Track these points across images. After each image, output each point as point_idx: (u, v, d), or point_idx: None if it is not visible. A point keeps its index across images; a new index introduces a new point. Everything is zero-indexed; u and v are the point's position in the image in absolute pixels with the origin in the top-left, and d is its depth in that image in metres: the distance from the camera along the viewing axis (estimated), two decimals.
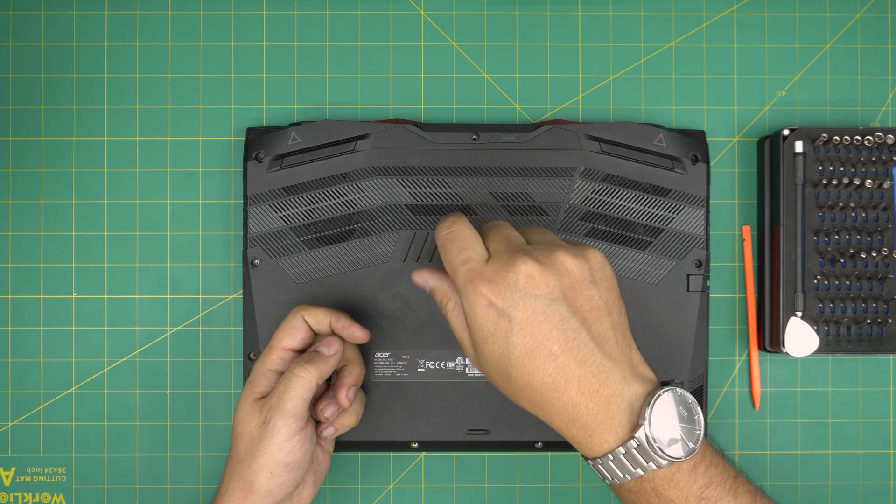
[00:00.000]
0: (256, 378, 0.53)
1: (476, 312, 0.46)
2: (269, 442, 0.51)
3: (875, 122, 0.64)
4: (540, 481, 0.64)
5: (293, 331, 0.54)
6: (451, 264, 0.47)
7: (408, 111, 0.64)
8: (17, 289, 0.63)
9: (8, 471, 0.63)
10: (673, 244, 0.60)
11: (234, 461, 0.52)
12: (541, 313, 0.45)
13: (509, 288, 0.45)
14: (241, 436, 0.52)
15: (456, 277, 0.47)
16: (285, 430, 0.51)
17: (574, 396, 0.45)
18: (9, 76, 0.63)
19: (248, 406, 0.52)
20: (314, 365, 0.52)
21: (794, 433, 0.64)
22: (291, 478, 0.52)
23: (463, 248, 0.47)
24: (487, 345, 0.46)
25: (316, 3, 0.64)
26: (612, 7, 0.64)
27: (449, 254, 0.48)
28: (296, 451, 0.51)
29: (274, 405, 0.51)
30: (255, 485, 0.51)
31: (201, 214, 0.63)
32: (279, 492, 0.52)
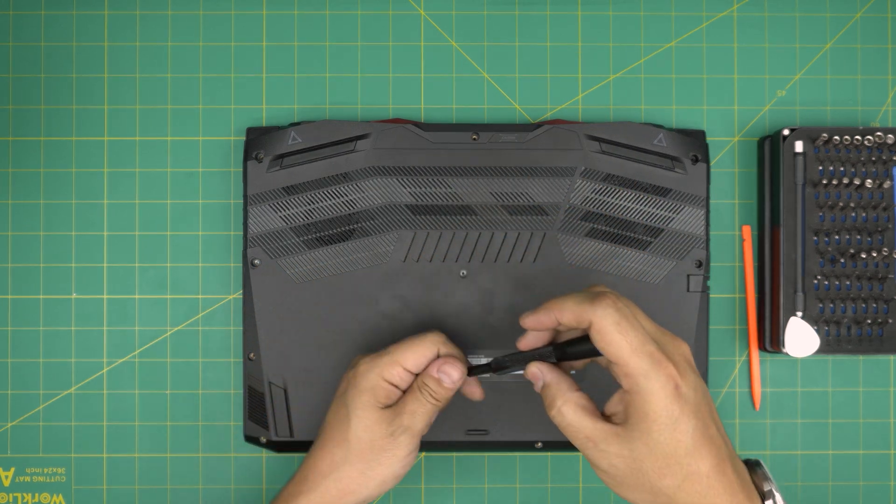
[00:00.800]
0: (377, 388, 0.52)
1: (664, 397, 0.44)
2: (393, 455, 0.52)
3: (875, 122, 0.64)
4: (540, 481, 0.64)
5: (422, 357, 0.53)
6: (634, 346, 0.45)
7: (408, 111, 0.64)
8: (17, 289, 0.63)
9: (8, 471, 0.63)
10: (673, 244, 0.60)
11: (338, 461, 0.52)
12: (704, 394, 0.46)
13: (685, 369, 0.45)
14: (361, 440, 0.52)
15: (639, 359, 0.44)
16: (410, 447, 0.52)
17: (730, 475, 0.46)
18: (9, 76, 0.63)
19: (376, 414, 0.52)
20: (442, 396, 0.52)
21: (794, 433, 0.64)
22: (392, 487, 0.53)
23: (639, 327, 0.45)
24: (666, 432, 0.45)
25: (316, 3, 0.64)
26: (612, 7, 0.64)
27: (628, 333, 0.45)
28: (409, 467, 0.53)
29: (407, 424, 0.52)
30: (361, 490, 0.52)
31: (201, 214, 0.63)
32: (374, 498, 0.53)
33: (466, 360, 0.54)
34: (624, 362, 0.45)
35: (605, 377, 0.54)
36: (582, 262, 0.60)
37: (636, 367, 0.44)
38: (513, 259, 0.60)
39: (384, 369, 0.52)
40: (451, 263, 0.60)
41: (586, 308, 0.46)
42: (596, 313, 0.45)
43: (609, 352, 0.45)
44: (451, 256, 0.60)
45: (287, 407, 0.60)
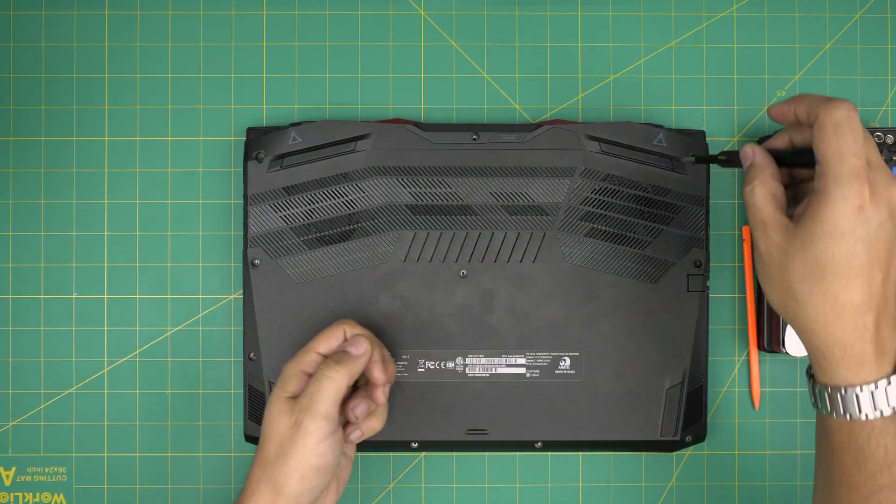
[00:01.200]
0: (287, 378, 0.52)
1: (844, 207, 0.44)
2: (300, 444, 0.50)
3: (875, 122, 0.64)
4: (540, 481, 0.64)
5: (332, 339, 0.53)
6: (843, 151, 0.45)
7: (408, 111, 0.64)
8: (17, 289, 0.63)
9: (8, 471, 0.63)
10: (673, 244, 0.60)
11: (263, 462, 0.51)
12: (888, 238, 0.45)
13: (883, 202, 0.45)
14: (272, 437, 0.51)
15: (841, 163, 0.45)
16: (317, 433, 0.50)
17: (868, 323, 0.45)
18: (9, 76, 0.63)
19: (279, 406, 0.51)
20: (344, 366, 0.51)
21: (794, 433, 0.64)
22: (321, 482, 0.51)
23: (859, 141, 0.45)
24: (829, 240, 0.45)
25: (316, 3, 0.64)
26: (612, 7, 0.64)
27: (844, 138, 0.45)
28: (327, 455, 0.51)
29: (305, 406, 0.50)
30: (286, 487, 0.50)
31: (201, 214, 0.63)
32: (307, 496, 0.51)
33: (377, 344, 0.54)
34: (825, 161, 0.45)
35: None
36: (582, 262, 0.60)
37: (832, 169, 0.45)
38: (513, 259, 0.60)
39: (298, 358, 0.53)
40: (451, 263, 0.60)
41: (820, 104, 0.46)
42: (826, 109, 0.46)
43: (819, 148, 0.45)
44: (451, 256, 0.60)
45: None
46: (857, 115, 0.46)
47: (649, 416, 0.60)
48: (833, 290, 0.45)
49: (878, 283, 0.45)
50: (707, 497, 0.64)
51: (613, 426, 0.60)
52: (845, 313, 0.45)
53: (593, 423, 0.60)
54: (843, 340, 0.46)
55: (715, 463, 0.64)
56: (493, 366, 0.60)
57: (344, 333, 0.54)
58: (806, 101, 0.48)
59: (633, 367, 0.60)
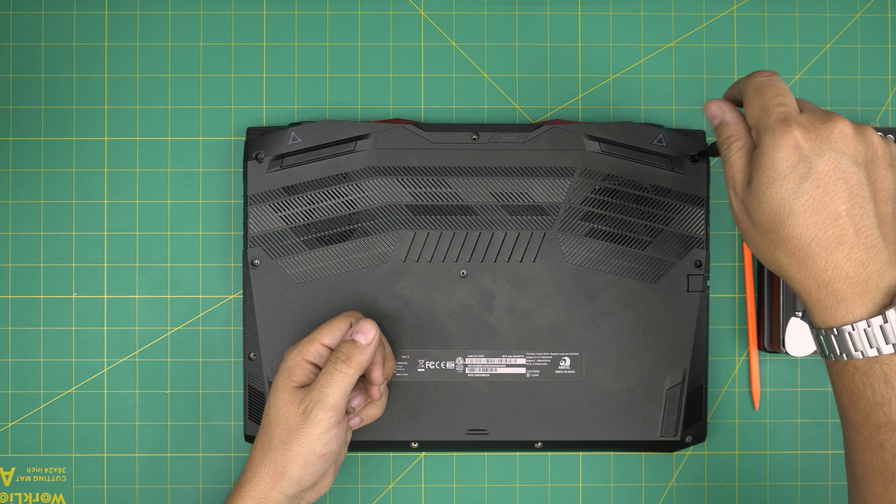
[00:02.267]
0: (293, 367, 0.54)
1: (778, 150, 0.45)
2: (307, 433, 0.52)
3: (875, 122, 0.64)
4: (540, 481, 0.64)
5: (336, 331, 0.54)
6: (765, 105, 0.47)
7: (408, 111, 0.64)
8: (17, 289, 0.63)
9: (8, 471, 0.63)
10: (673, 244, 0.60)
11: (265, 447, 0.52)
12: (841, 171, 0.45)
13: (820, 137, 0.45)
14: (277, 423, 0.52)
15: (766, 116, 0.46)
16: (325, 423, 0.52)
17: (839, 260, 0.45)
18: (9, 76, 0.63)
19: (287, 395, 0.53)
20: (355, 360, 0.53)
21: (794, 433, 0.64)
22: (323, 467, 0.53)
23: (780, 94, 0.47)
24: (773, 186, 0.45)
25: (316, 3, 0.64)
26: (612, 7, 0.64)
27: (764, 94, 0.47)
28: (332, 443, 0.52)
29: (316, 399, 0.52)
30: (287, 471, 0.52)
31: (201, 214, 0.63)
32: (308, 480, 0.53)
33: (382, 340, 0.55)
34: (755, 120, 0.47)
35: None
36: (582, 262, 0.60)
37: (760, 123, 0.46)
38: (513, 259, 0.60)
39: (301, 348, 0.54)
40: (451, 263, 0.60)
41: (744, 79, 0.49)
42: (746, 80, 0.48)
43: (748, 115, 0.47)
44: (451, 256, 0.60)
45: None
46: (779, 79, 0.48)
47: (649, 416, 0.60)
48: (794, 232, 0.45)
49: (843, 217, 0.45)
50: (707, 497, 0.64)
51: (613, 426, 0.60)
52: (812, 252, 0.45)
53: (593, 423, 0.60)
54: (817, 280, 0.46)
55: (715, 463, 0.64)
56: (493, 366, 0.60)
57: (349, 325, 0.55)
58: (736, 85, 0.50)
59: (633, 367, 0.60)
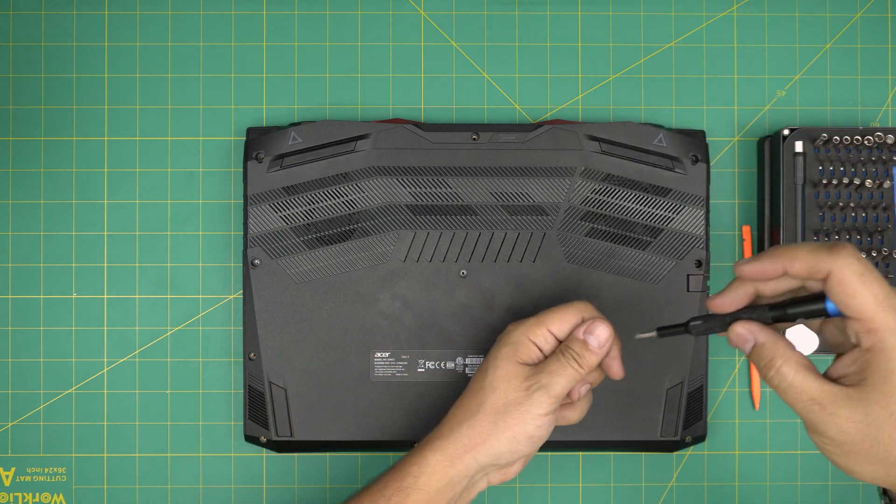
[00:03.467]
0: (519, 343, 0.52)
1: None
2: (526, 410, 0.51)
3: (875, 122, 0.64)
4: (540, 481, 0.64)
5: (566, 322, 0.52)
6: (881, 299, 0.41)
7: (408, 111, 0.64)
8: (17, 289, 0.63)
9: (8, 471, 0.63)
10: (673, 244, 0.60)
11: (473, 409, 0.52)
12: None
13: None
14: (495, 390, 0.51)
15: (884, 313, 0.41)
16: (546, 407, 0.51)
17: None
18: (9, 76, 0.63)
19: (513, 368, 0.52)
20: (586, 362, 0.51)
21: (794, 433, 0.64)
22: (525, 450, 0.52)
23: (884, 282, 0.42)
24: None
25: (316, 3, 0.64)
26: (612, 7, 0.64)
27: (874, 286, 0.41)
28: (543, 429, 0.51)
29: (545, 382, 0.51)
30: (490, 440, 0.51)
31: (201, 214, 0.63)
32: (507, 457, 0.52)
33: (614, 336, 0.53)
34: (869, 317, 0.41)
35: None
36: (582, 262, 0.60)
37: (882, 322, 0.41)
38: (513, 259, 0.60)
39: (529, 328, 0.53)
40: (451, 263, 0.60)
41: (824, 257, 0.42)
42: (837, 263, 0.41)
43: (851, 305, 0.41)
44: (451, 256, 0.60)
45: (287, 406, 0.60)
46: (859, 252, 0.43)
47: (649, 416, 0.60)
48: None
49: None
50: (707, 497, 0.64)
51: (613, 426, 0.60)
52: None
53: (593, 423, 0.60)
54: None
55: (715, 463, 0.64)
56: None
57: (580, 318, 0.53)
58: (799, 257, 0.43)
59: (633, 367, 0.60)
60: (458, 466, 0.51)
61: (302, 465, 0.63)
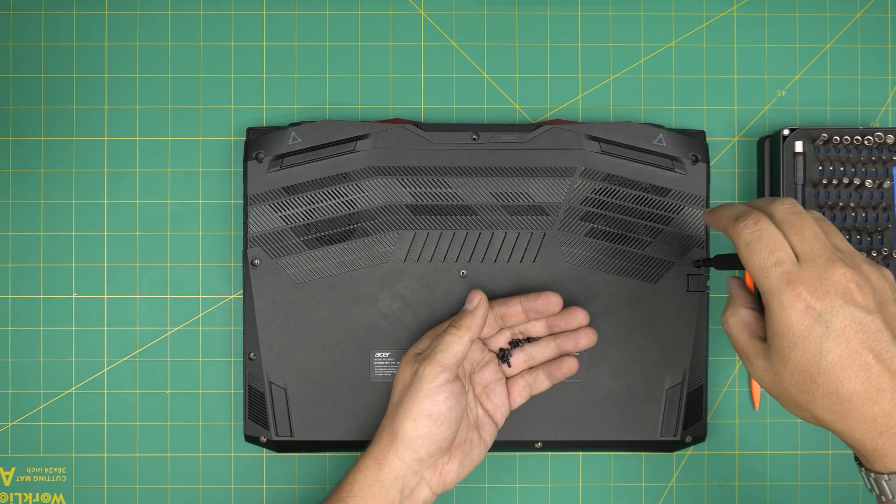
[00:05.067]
0: (422, 339, 0.57)
1: (790, 315, 0.45)
2: (415, 388, 0.53)
3: (875, 122, 0.64)
4: (540, 481, 0.64)
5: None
6: (760, 265, 0.46)
7: (408, 111, 0.64)
8: (17, 289, 0.63)
9: (8, 471, 0.63)
10: (673, 244, 0.60)
11: (389, 410, 0.55)
12: (858, 323, 0.45)
13: (828, 294, 0.45)
14: (396, 384, 0.55)
15: (765, 278, 0.46)
16: (433, 378, 0.53)
17: (886, 407, 0.45)
18: (9, 76, 0.63)
19: (407, 359, 0.56)
20: (464, 323, 0.55)
21: (794, 433, 0.64)
22: (435, 431, 0.53)
23: (774, 249, 0.46)
24: (795, 350, 0.45)
25: (316, 3, 0.64)
26: (612, 7, 0.64)
27: (757, 254, 0.46)
28: (440, 403, 0.53)
29: (426, 356, 0.54)
30: (400, 431, 0.53)
31: (201, 214, 0.63)
32: (422, 445, 0.53)
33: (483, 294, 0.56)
34: (757, 281, 0.46)
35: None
36: (582, 262, 0.60)
37: (763, 285, 0.46)
38: (513, 259, 0.60)
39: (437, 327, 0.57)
40: (451, 263, 0.60)
41: (729, 225, 0.48)
42: (734, 231, 0.47)
43: (747, 269, 0.47)
44: (451, 256, 0.60)
45: (287, 406, 0.60)
46: (766, 223, 0.46)
47: (649, 416, 0.60)
48: (830, 389, 0.45)
49: (874, 365, 0.44)
50: (707, 497, 0.64)
51: (613, 426, 0.60)
52: (854, 406, 0.45)
53: (593, 423, 0.60)
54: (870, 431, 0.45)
55: (715, 463, 0.64)
56: None
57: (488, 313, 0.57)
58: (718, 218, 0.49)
59: (633, 367, 0.60)
60: (385, 469, 0.53)
61: (302, 465, 0.63)
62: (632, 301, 0.60)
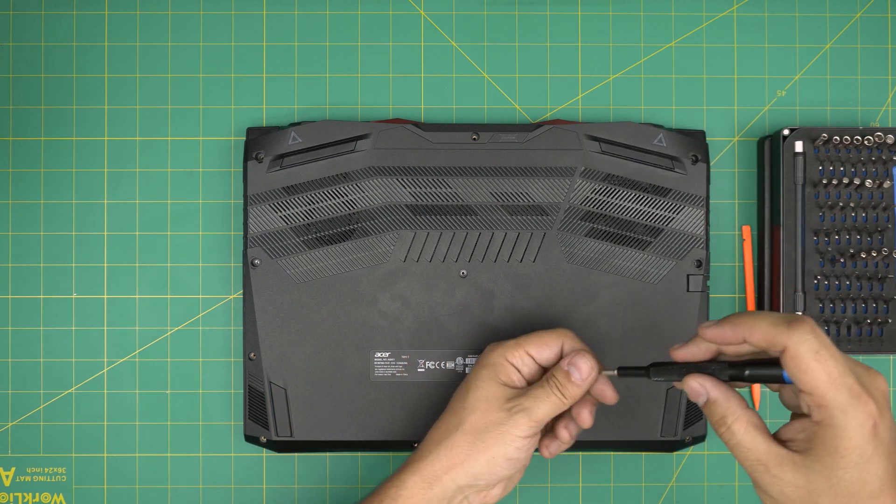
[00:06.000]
0: (499, 365, 0.52)
1: (861, 434, 0.42)
2: (506, 431, 0.50)
3: (875, 122, 0.64)
4: (540, 481, 0.64)
5: (547, 348, 0.53)
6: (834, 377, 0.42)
7: (408, 111, 0.64)
8: (17, 289, 0.63)
9: (8, 471, 0.63)
10: (673, 244, 0.60)
11: (451, 429, 0.52)
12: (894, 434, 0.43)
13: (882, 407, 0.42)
14: (475, 410, 0.51)
15: (836, 391, 0.42)
16: (527, 430, 0.51)
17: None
18: (9, 76, 0.63)
19: (495, 388, 0.52)
20: (569, 394, 0.51)
21: None
22: (504, 473, 0.52)
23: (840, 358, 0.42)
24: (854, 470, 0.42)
25: (316, 3, 0.64)
26: (612, 7, 0.64)
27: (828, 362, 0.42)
28: (522, 452, 0.51)
29: (527, 406, 0.51)
30: (469, 461, 0.51)
31: (201, 214, 0.63)
32: (485, 479, 0.51)
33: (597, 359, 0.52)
34: (820, 393, 0.42)
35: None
36: (582, 262, 0.60)
37: (833, 400, 0.42)
38: (513, 259, 0.60)
39: (507, 350, 0.53)
40: (451, 263, 0.60)
41: (782, 331, 0.43)
42: (793, 338, 0.42)
43: (804, 381, 0.42)
44: (451, 256, 0.60)
45: (287, 406, 0.60)
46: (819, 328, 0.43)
47: (649, 416, 0.60)
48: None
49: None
50: (707, 497, 0.64)
51: (613, 426, 0.60)
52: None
53: (593, 423, 0.60)
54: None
55: (715, 463, 0.64)
56: None
57: (561, 346, 0.53)
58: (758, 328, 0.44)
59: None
60: (435, 488, 0.51)
61: (302, 465, 0.63)
62: (632, 301, 0.60)
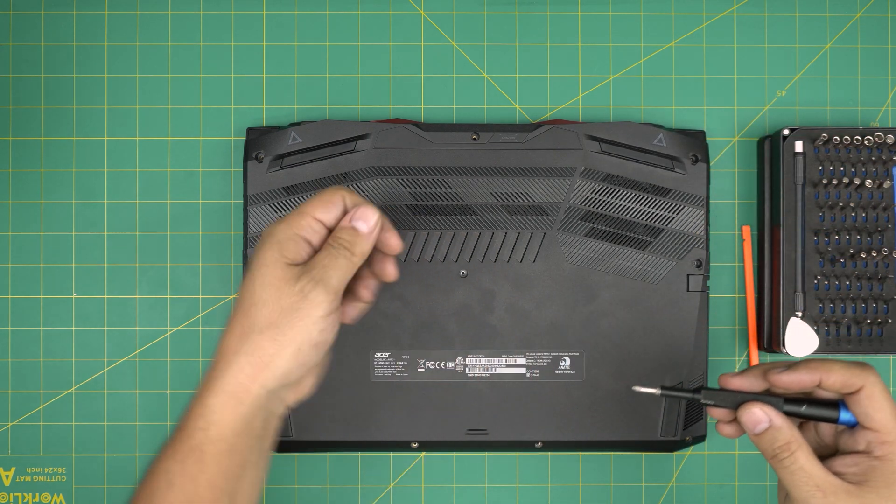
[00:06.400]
0: (284, 241, 0.46)
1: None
2: (305, 315, 0.45)
3: (875, 122, 0.64)
4: (540, 481, 0.64)
5: (331, 206, 0.48)
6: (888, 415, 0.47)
7: (408, 111, 0.64)
8: (17, 289, 0.63)
9: (8, 471, 0.63)
10: (673, 244, 0.60)
11: (245, 331, 0.45)
12: None
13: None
14: (265, 303, 0.45)
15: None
16: (326, 306, 0.45)
17: None
18: (9, 76, 0.63)
19: (281, 271, 0.45)
20: (358, 248, 0.47)
21: None
22: (313, 360, 0.46)
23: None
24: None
25: (316, 3, 0.64)
26: (612, 7, 0.64)
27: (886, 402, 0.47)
28: (327, 333, 0.46)
29: (318, 278, 0.45)
30: (275, 360, 0.45)
31: (201, 214, 0.63)
32: (296, 373, 0.46)
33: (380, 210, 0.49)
34: (888, 430, 0.46)
35: None
36: (582, 262, 0.60)
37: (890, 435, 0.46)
38: (513, 259, 0.60)
39: (293, 221, 0.47)
40: (451, 263, 0.60)
41: (858, 373, 0.47)
42: (869, 379, 0.46)
43: (875, 418, 0.46)
44: (451, 256, 0.60)
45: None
46: None
47: (649, 416, 0.60)
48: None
49: None
50: (707, 497, 0.64)
51: (613, 426, 0.60)
52: None
53: (593, 423, 0.60)
54: None
55: (715, 463, 0.64)
56: (493, 366, 0.60)
57: (343, 201, 0.48)
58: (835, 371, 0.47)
59: (633, 367, 0.60)
60: (247, 402, 0.45)
61: (302, 465, 0.63)
62: (632, 301, 0.60)
